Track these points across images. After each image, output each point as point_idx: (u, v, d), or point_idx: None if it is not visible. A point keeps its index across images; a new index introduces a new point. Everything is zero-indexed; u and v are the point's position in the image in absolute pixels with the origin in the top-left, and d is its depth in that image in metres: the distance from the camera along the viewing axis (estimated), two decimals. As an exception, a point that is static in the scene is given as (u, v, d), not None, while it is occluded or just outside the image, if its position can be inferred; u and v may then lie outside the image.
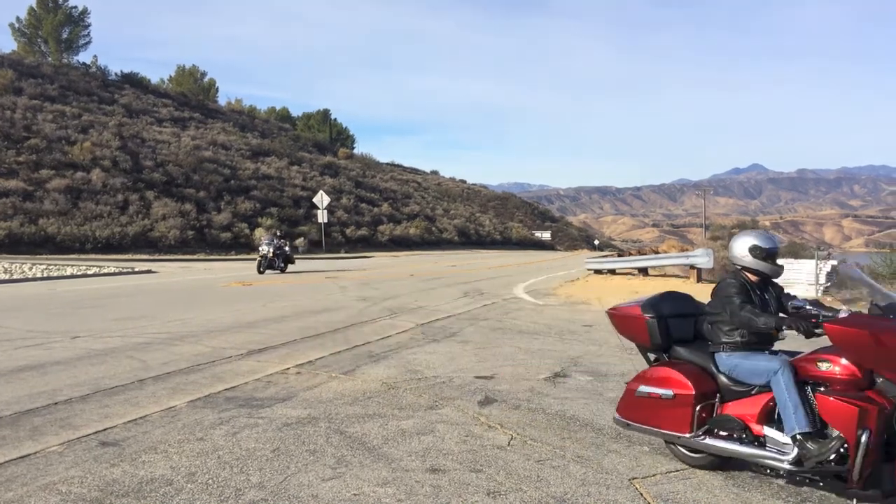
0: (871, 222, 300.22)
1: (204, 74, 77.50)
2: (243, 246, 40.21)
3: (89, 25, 63.10)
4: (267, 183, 50.22)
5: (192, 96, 70.87)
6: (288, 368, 7.89)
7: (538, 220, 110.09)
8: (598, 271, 24.20)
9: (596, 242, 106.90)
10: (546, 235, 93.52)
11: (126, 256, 32.11)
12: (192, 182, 44.18)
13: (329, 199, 46.02)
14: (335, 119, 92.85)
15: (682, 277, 21.18)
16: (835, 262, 17.81)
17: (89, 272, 23.15)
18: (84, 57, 78.68)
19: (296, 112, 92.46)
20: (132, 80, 66.01)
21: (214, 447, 5.03)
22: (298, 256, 28.54)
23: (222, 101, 78.24)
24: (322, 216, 44.19)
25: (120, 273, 23.30)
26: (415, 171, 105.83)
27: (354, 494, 4.20)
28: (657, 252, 25.57)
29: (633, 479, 4.54)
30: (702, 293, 17.57)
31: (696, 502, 4.16)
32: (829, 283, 16.67)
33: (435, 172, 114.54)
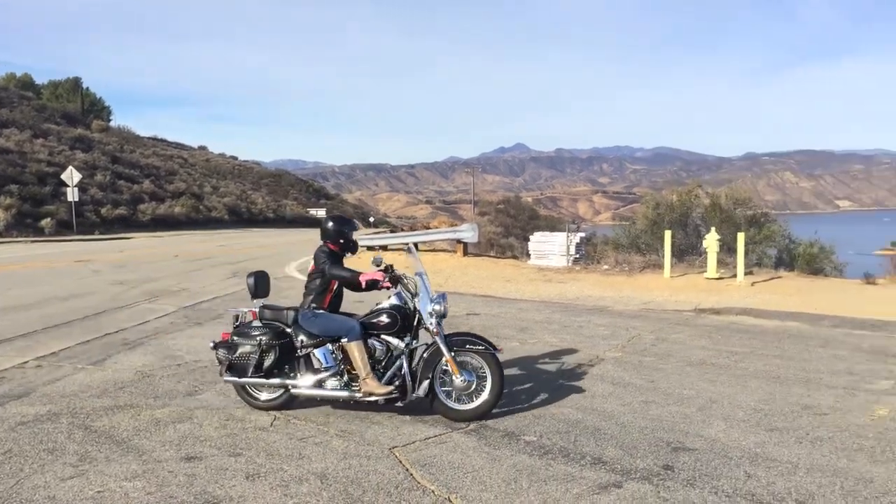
0: (617, 198, 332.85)
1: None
2: (-25, 228, 35.44)
3: None
4: (6, 158, 44.46)
5: None
6: (26, 362, 7.17)
7: (313, 197, 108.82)
8: (370, 248, 24.51)
9: (371, 219, 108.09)
10: (321, 213, 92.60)
11: None
12: None
13: (80, 176, 41.90)
14: (88, 88, 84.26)
15: (450, 252, 22.12)
16: (583, 235, 19.77)
17: None
18: None
19: (41, 80, 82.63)
20: None
21: (-73, 457, 4.41)
22: (43, 239, 25.01)
23: (-56, 62, 67.95)
24: (72, 194, 40.16)
25: None
26: (181, 146, 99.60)
27: (98, 492, 3.92)
28: (428, 228, 26.42)
29: (394, 447, 4.68)
30: (467, 266, 18.34)
31: (451, 463, 4.39)
32: (577, 255, 18.33)
33: (203, 148, 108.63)
